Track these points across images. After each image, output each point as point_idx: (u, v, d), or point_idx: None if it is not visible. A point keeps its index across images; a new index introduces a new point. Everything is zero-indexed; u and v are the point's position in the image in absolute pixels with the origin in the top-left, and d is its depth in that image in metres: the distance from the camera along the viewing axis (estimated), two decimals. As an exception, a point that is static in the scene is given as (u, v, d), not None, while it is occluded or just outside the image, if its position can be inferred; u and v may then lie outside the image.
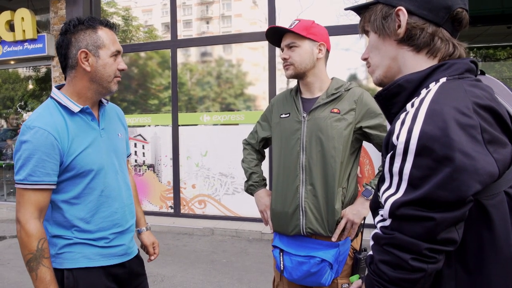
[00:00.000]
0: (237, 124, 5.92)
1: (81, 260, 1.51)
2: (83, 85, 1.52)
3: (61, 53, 1.52)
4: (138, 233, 1.90)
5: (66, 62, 1.52)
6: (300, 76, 1.85)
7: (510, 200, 0.85)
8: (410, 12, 0.95)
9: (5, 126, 8.34)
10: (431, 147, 0.78)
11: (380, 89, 1.01)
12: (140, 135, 6.44)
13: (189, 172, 6.18)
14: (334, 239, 1.76)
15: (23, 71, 8.16)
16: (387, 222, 0.87)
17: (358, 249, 1.85)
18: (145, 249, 1.90)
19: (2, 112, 8.31)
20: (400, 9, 0.96)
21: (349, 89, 1.83)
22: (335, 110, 1.78)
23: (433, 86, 0.88)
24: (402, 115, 0.86)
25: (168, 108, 6.28)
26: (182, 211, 6.23)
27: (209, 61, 6.22)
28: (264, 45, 5.69)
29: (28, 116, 1.79)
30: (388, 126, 1.00)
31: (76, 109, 1.50)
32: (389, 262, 0.86)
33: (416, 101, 0.86)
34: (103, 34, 1.51)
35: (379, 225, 0.91)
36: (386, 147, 0.90)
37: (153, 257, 1.90)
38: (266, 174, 5.03)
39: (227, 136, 5.89)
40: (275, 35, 1.89)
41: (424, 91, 0.88)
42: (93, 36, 1.49)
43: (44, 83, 7.92)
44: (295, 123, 1.83)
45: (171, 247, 5.02)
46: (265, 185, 2.08)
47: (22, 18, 6.62)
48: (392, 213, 0.85)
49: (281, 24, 3.32)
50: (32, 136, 1.40)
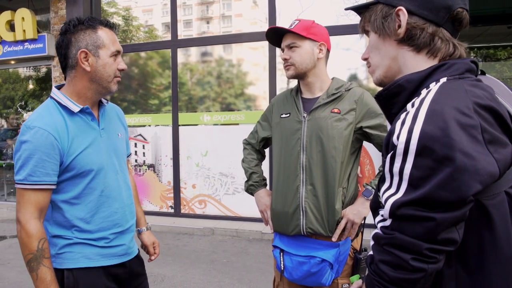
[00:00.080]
0: (238, 124, 5.92)
1: (81, 260, 1.51)
2: (83, 85, 1.52)
3: (61, 53, 1.52)
4: (139, 233, 1.89)
5: (66, 62, 1.52)
6: (301, 76, 1.84)
7: (511, 200, 0.85)
8: (410, 12, 0.95)
9: (6, 126, 8.34)
10: (432, 147, 0.78)
11: (381, 89, 1.01)
12: (141, 135, 6.44)
13: (190, 172, 6.18)
14: (335, 239, 1.76)
15: (24, 71, 8.16)
16: (388, 222, 0.87)
17: (359, 249, 1.85)
18: (146, 249, 1.90)
19: (3, 112, 8.31)
20: (400, 9, 0.96)
21: (350, 89, 1.83)
22: (336, 110, 1.78)
23: (434, 86, 0.88)
24: (403, 115, 0.86)
25: (169, 108, 6.28)
26: (183, 211, 6.23)
27: (210, 61, 6.21)
28: (265, 45, 5.69)
29: (28, 116, 1.79)
30: (389, 126, 1.00)
31: (76, 109, 1.50)
32: (390, 262, 0.86)
33: (417, 101, 0.86)
34: (103, 34, 1.51)
35: (380, 225, 0.91)
36: (387, 147, 0.90)
37: (154, 257, 1.90)
38: (266, 174, 5.04)
39: (228, 136, 5.89)
40: (275, 36, 1.88)
41: (425, 91, 0.88)
42: (93, 36, 1.49)
43: (45, 83, 7.92)
44: (296, 123, 1.83)
45: (172, 247, 5.02)
46: (265, 185, 2.08)
47: (23, 18, 6.62)
48: (393, 213, 0.85)
49: (282, 24, 3.32)
50: (32, 136, 1.40)
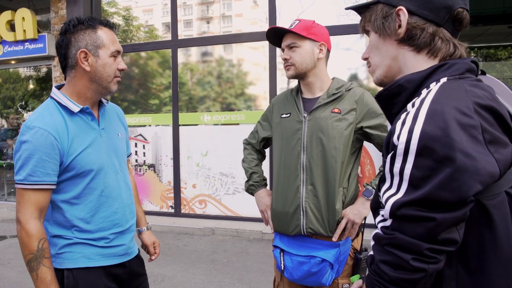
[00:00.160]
0: (238, 124, 5.92)
1: (81, 260, 1.51)
2: (83, 85, 1.52)
3: (61, 53, 1.52)
4: (139, 233, 1.89)
5: (66, 62, 1.52)
6: (301, 76, 1.84)
7: (511, 200, 0.85)
8: (411, 12, 0.95)
9: (6, 126, 8.34)
10: (432, 147, 0.78)
11: (381, 89, 1.01)
12: (141, 135, 6.44)
13: (190, 172, 6.18)
14: (335, 239, 1.76)
15: (24, 71, 8.16)
16: (388, 222, 0.87)
17: (359, 249, 1.85)
18: (146, 249, 1.90)
19: (3, 112, 8.31)
20: (401, 9, 0.95)
21: (350, 89, 1.83)
22: (336, 110, 1.78)
23: (434, 86, 0.88)
24: (403, 115, 0.86)
25: (169, 108, 6.28)
26: (183, 211, 6.23)
27: (210, 61, 6.21)
28: (265, 45, 5.69)
29: (28, 116, 1.80)
30: (389, 126, 1.00)
31: (76, 109, 1.50)
32: (390, 262, 0.86)
33: (417, 101, 0.86)
34: (103, 34, 1.50)
35: (380, 225, 0.91)
36: (387, 147, 0.90)
37: (154, 257, 1.90)
38: (267, 174, 5.04)
39: (228, 136, 5.89)
40: (276, 36, 1.88)
41: (425, 91, 0.88)
42: (93, 36, 1.49)
43: (45, 83, 7.92)
44: (296, 123, 1.83)
45: (172, 247, 5.02)
46: (266, 185, 2.08)
47: (23, 18, 6.62)
48: (393, 213, 0.84)
49: (282, 24, 3.32)
50: (32, 136, 1.40)
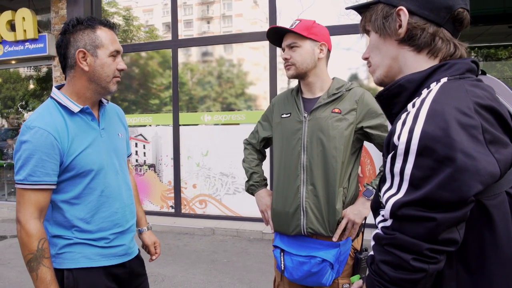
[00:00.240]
0: (238, 124, 5.92)
1: (81, 260, 1.51)
2: (82, 85, 1.52)
3: (61, 53, 1.52)
4: (139, 233, 1.89)
5: (65, 62, 1.52)
6: (302, 76, 1.84)
7: (511, 200, 0.85)
8: (411, 12, 0.95)
9: (6, 126, 8.35)
10: (433, 147, 0.78)
11: (381, 89, 1.01)
12: (141, 135, 6.44)
13: (190, 172, 6.18)
14: (335, 239, 1.76)
15: (24, 71, 8.17)
16: (388, 223, 0.87)
17: (359, 249, 1.85)
18: (147, 249, 1.90)
19: (3, 112, 8.31)
20: (401, 9, 0.95)
21: (350, 89, 1.83)
22: (336, 110, 1.78)
23: (434, 86, 0.88)
24: (403, 115, 0.86)
25: (169, 108, 6.28)
26: (183, 211, 6.23)
27: (210, 61, 6.21)
28: (265, 45, 5.69)
29: (29, 116, 1.80)
30: (389, 126, 1.00)
31: (76, 109, 1.50)
32: (390, 263, 0.86)
33: (417, 101, 0.86)
34: (102, 34, 1.50)
35: (380, 225, 0.91)
36: (387, 147, 0.90)
37: (155, 257, 1.89)
38: (267, 174, 5.04)
39: (228, 136, 5.89)
40: (276, 35, 1.88)
41: (425, 91, 0.88)
42: (92, 36, 1.48)
43: (45, 83, 7.93)
44: (296, 123, 1.83)
45: (172, 247, 5.02)
46: (266, 185, 2.08)
47: (23, 18, 6.62)
48: (393, 214, 0.84)
49: (282, 24, 3.32)
50: (32, 136, 1.40)
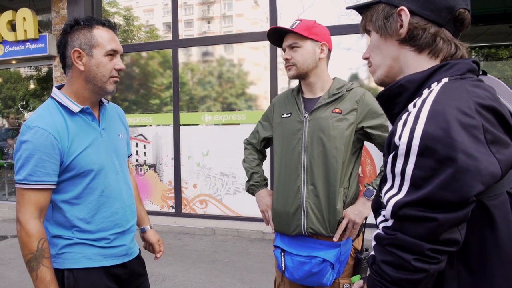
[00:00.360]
0: (239, 124, 5.91)
1: (82, 260, 1.51)
2: (80, 85, 1.52)
3: (60, 53, 1.54)
4: (142, 232, 1.89)
5: (64, 62, 1.53)
6: (302, 77, 1.84)
7: (513, 201, 0.85)
8: (412, 12, 0.95)
9: (7, 126, 8.35)
10: (434, 148, 0.78)
11: (382, 89, 1.01)
12: (142, 135, 6.44)
13: (191, 172, 6.18)
14: (336, 239, 1.76)
15: (25, 71, 8.17)
16: (389, 223, 0.87)
17: (360, 249, 1.85)
18: (151, 247, 1.89)
19: (4, 112, 8.31)
20: (402, 9, 0.95)
21: (351, 89, 1.83)
22: (337, 110, 1.78)
23: (435, 87, 0.87)
24: (404, 116, 0.86)
25: (170, 108, 6.28)
26: (184, 211, 6.23)
27: (211, 61, 6.21)
28: (266, 45, 5.69)
29: (29, 116, 1.80)
30: (390, 127, 1.00)
31: (76, 109, 1.51)
32: (391, 263, 0.86)
33: (418, 102, 0.85)
34: (99, 33, 1.50)
35: (381, 226, 0.91)
36: (388, 148, 0.90)
37: (159, 255, 1.89)
38: (267, 174, 5.03)
39: (229, 136, 5.89)
40: (277, 36, 1.88)
41: (426, 92, 0.88)
42: (88, 35, 1.49)
43: (46, 83, 7.93)
44: (297, 123, 1.83)
45: (173, 247, 5.02)
46: (267, 185, 2.08)
47: (24, 18, 6.62)
48: (395, 214, 0.84)
49: (283, 24, 3.32)
50: (32, 136, 1.40)
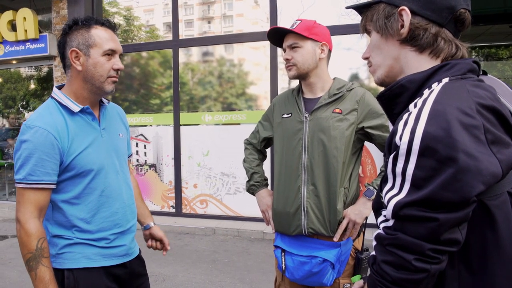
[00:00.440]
0: (239, 124, 5.91)
1: (82, 260, 1.51)
2: (78, 85, 1.53)
3: (60, 53, 1.55)
4: (147, 229, 1.87)
5: (64, 62, 1.54)
6: (303, 77, 1.84)
7: (513, 201, 0.85)
8: (413, 12, 0.95)
9: (7, 126, 8.35)
10: (434, 148, 0.78)
11: (383, 90, 1.01)
12: (142, 135, 6.44)
13: (191, 172, 6.18)
14: (336, 239, 1.76)
15: (25, 71, 8.17)
16: (390, 223, 0.87)
17: (360, 249, 1.85)
18: (158, 243, 1.89)
19: (4, 112, 8.32)
20: (403, 9, 0.95)
21: (351, 89, 1.83)
22: (337, 110, 1.78)
23: (436, 87, 0.87)
24: (405, 116, 0.86)
25: (170, 108, 6.28)
26: (184, 211, 6.23)
27: (211, 61, 6.21)
28: (266, 45, 5.69)
29: (29, 116, 1.80)
30: (391, 127, 1.00)
31: (76, 109, 1.51)
32: (392, 263, 0.86)
33: (419, 102, 0.85)
34: (97, 33, 1.50)
35: (382, 226, 0.91)
36: (389, 148, 0.90)
37: (170, 247, 1.89)
38: (268, 174, 5.02)
39: (229, 136, 5.89)
40: (277, 36, 1.88)
41: (427, 92, 0.88)
42: (85, 35, 1.49)
43: (46, 83, 7.93)
44: (297, 123, 1.83)
45: (173, 247, 5.02)
46: (267, 185, 2.08)
47: (24, 18, 6.62)
48: (395, 214, 0.84)
49: (283, 24, 3.32)
50: (32, 136, 1.40)
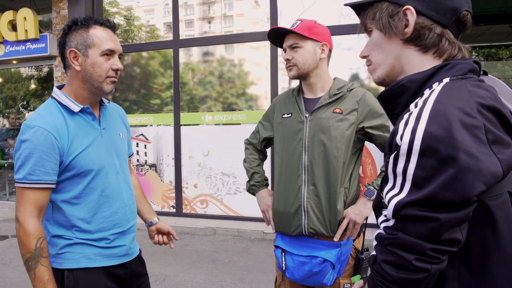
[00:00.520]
0: (239, 124, 5.91)
1: (82, 260, 1.51)
2: (78, 85, 1.53)
3: (60, 54, 1.55)
4: (153, 224, 1.90)
5: (64, 62, 1.54)
6: (303, 77, 1.84)
7: (514, 201, 0.85)
8: (418, 12, 0.94)
9: (7, 126, 8.35)
10: (435, 148, 0.78)
11: (383, 90, 1.01)
12: (142, 135, 6.44)
13: (191, 172, 6.18)
14: (336, 239, 1.76)
15: (25, 71, 8.18)
16: (391, 222, 0.87)
17: (360, 249, 1.85)
18: (165, 237, 1.93)
19: (4, 112, 8.32)
20: (409, 8, 0.94)
21: (352, 89, 1.83)
22: (338, 110, 1.78)
23: (437, 87, 0.87)
24: (406, 115, 0.86)
25: (170, 108, 6.28)
26: (184, 211, 6.23)
27: (211, 61, 6.21)
28: (266, 45, 5.69)
29: (29, 116, 1.81)
30: (391, 127, 1.00)
31: (76, 109, 1.51)
32: (393, 263, 0.86)
33: (420, 102, 0.85)
34: (95, 33, 1.50)
35: (383, 225, 0.91)
36: (390, 147, 0.90)
37: (177, 237, 1.95)
38: (268, 174, 5.01)
39: (229, 136, 5.89)
40: (277, 36, 1.88)
41: (428, 92, 0.88)
42: (84, 35, 1.49)
43: (46, 83, 7.94)
44: (297, 123, 1.83)
45: (173, 247, 5.01)
46: (267, 185, 2.07)
47: (25, 18, 6.63)
48: (396, 213, 0.84)
49: (283, 24, 3.31)
50: (32, 135, 1.41)
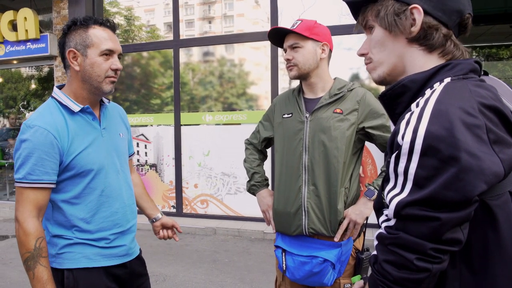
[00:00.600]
0: (239, 124, 5.91)
1: (82, 260, 1.51)
2: (77, 85, 1.53)
3: (60, 54, 1.55)
4: (157, 220, 1.96)
5: (64, 62, 1.55)
6: (304, 77, 1.84)
7: (515, 201, 0.85)
8: (425, 12, 0.94)
9: (8, 126, 8.35)
10: (437, 147, 0.78)
11: (384, 89, 1.01)
12: (143, 135, 6.44)
13: (192, 172, 6.18)
14: (337, 239, 1.76)
15: (26, 71, 8.18)
16: (392, 222, 0.87)
17: (361, 249, 1.85)
18: (169, 231, 1.98)
19: (5, 112, 8.32)
20: (416, 7, 0.93)
21: (352, 89, 1.83)
22: (338, 111, 1.78)
23: (438, 86, 0.87)
24: (407, 115, 0.86)
25: (171, 108, 6.28)
26: (185, 211, 6.23)
27: (211, 61, 6.21)
28: (267, 45, 5.69)
29: (29, 116, 1.81)
30: (392, 127, 1.00)
31: (77, 109, 1.51)
32: (394, 262, 0.86)
33: (421, 101, 0.85)
34: (94, 33, 1.50)
35: (384, 225, 0.91)
36: (391, 147, 0.90)
37: (181, 230, 2.00)
38: (268, 174, 5.02)
39: (230, 136, 5.89)
40: (278, 36, 1.88)
41: (429, 91, 0.88)
42: (83, 35, 1.49)
43: (47, 83, 7.94)
44: (298, 123, 1.83)
45: (173, 247, 5.02)
46: (268, 185, 2.08)
47: (25, 18, 6.63)
48: (397, 213, 0.84)
49: (283, 24, 3.32)
50: (32, 135, 1.41)
